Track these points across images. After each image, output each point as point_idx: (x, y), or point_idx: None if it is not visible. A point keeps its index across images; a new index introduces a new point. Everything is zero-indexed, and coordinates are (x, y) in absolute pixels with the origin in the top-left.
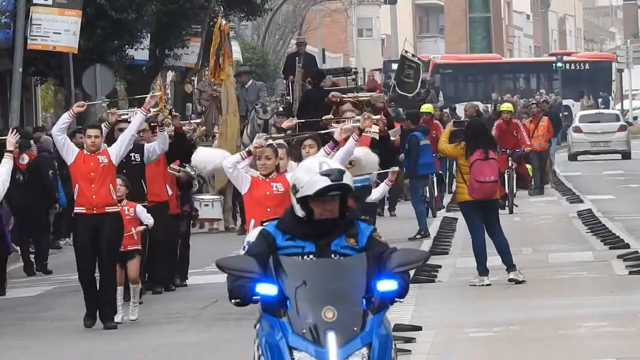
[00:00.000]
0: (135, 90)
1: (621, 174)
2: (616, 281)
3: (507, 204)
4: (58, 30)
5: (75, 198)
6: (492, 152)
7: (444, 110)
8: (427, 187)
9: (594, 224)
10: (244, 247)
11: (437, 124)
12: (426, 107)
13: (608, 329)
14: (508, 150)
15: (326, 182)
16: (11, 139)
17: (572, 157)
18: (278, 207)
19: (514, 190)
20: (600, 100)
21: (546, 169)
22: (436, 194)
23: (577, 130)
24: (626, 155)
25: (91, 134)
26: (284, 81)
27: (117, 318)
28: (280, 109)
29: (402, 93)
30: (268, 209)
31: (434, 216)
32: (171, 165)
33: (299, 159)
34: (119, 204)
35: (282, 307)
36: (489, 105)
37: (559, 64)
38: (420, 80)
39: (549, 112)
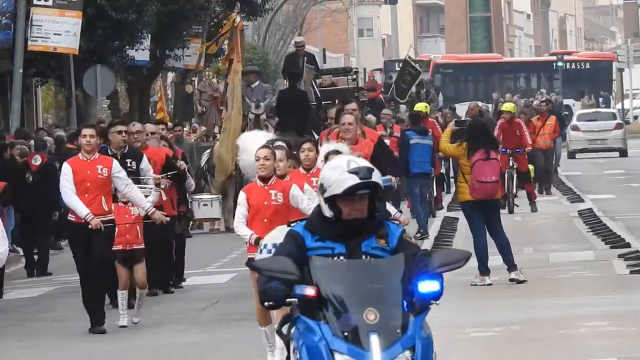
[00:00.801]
0: (136, 90)
1: (622, 173)
2: (617, 280)
3: (507, 203)
4: (58, 31)
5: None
6: (494, 152)
7: (446, 111)
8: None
9: (595, 224)
10: (260, 250)
11: (433, 122)
12: (419, 106)
13: (609, 328)
14: (508, 150)
15: (355, 180)
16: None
17: (571, 154)
18: (275, 217)
19: (514, 190)
20: (601, 99)
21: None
22: (435, 194)
23: (575, 128)
24: (623, 152)
25: (86, 134)
26: (285, 81)
27: (123, 321)
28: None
29: (395, 98)
30: (265, 220)
31: (434, 216)
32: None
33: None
34: (125, 204)
35: (321, 309)
36: (490, 105)
37: (560, 64)
38: (411, 89)
39: (553, 111)
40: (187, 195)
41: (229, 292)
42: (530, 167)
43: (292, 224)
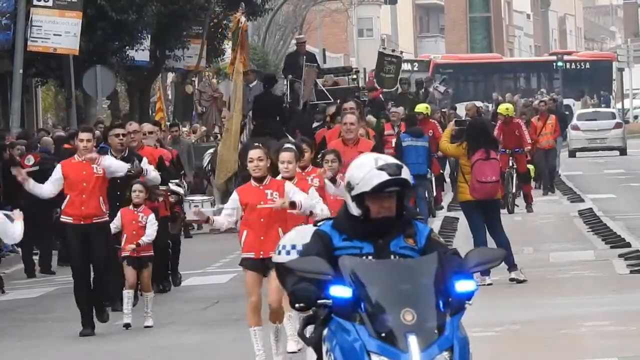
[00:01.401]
0: (136, 91)
1: (622, 173)
2: (617, 280)
3: (507, 203)
4: (58, 32)
5: (63, 207)
6: (494, 152)
7: (450, 111)
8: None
9: (595, 223)
10: (279, 251)
11: (434, 123)
12: (420, 107)
13: (609, 328)
14: (508, 150)
15: (383, 177)
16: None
17: (571, 153)
18: (271, 218)
19: (513, 190)
20: (601, 99)
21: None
22: (435, 194)
23: (575, 128)
24: (622, 151)
25: (83, 138)
26: (284, 81)
27: (127, 319)
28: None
29: (384, 90)
30: (261, 220)
31: (434, 216)
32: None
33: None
34: (136, 209)
35: (355, 310)
36: (490, 105)
37: (560, 64)
38: (399, 73)
39: (555, 111)
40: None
41: (229, 293)
42: (531, 167)
43: (319, 224)
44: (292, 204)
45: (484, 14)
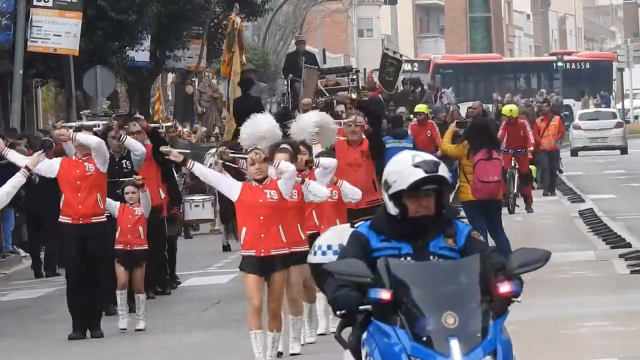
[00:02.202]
0: (136, 91)
1: (622, 173)
2: (618, 280)
3: (508, 203)
4: (58, 32)
5: (61, 207)
6: (496, 152)
7: (452, 109)
8: None
9: (596, 224)
10: (314, 252)
11: (432, 123)
12: (420, 107)
13: (610, 328)
14: (510, 150)
15: (420, 174)
16: (34, 158)
17: (573, 152)
18: (270, 215)
19: (515, 190)
20: (602, 99)
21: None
22: None
23: (577, 127)
24: (623, 150)
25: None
26: (284, 81)
27: (122, 324)
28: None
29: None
30: (261, 217)
31: None
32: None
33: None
34: (131, 205)
35: (396, 314)
36: (490, 105)
37: (560, 64)
38: (398, 78)
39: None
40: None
41: (229, 293)
42: (532, 167)
43: (356, 224)
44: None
45: (484, 14)
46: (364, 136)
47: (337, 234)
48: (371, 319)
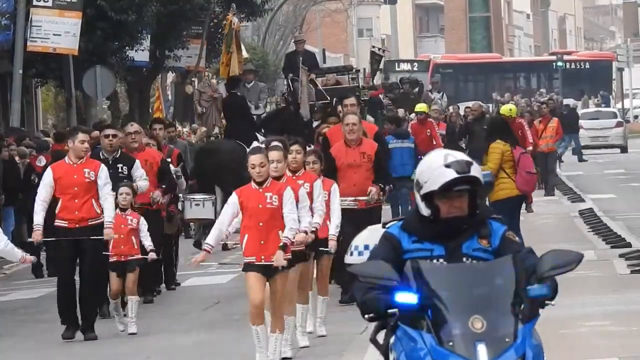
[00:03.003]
0: (136, 91)
1: (622, 173)
2: (618, 280)
3: None
4: (58, 32)
5: (56, 212)
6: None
7: (450, 111)
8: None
9: (596, 223)
10: (351, 252)
11: (431, 122)
12: (420, 107)
13: (610, 328)
14: None
15: (452, 174)
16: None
17: (574, 151)
18: (270, 221)
19: None
20: (601, 99)
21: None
22: None
23: (579, 127)
24: (623, 149)
25: (84, 139)
26: (285, 80)
27: (120, 327)
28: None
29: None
30: (260, 224)
31: None
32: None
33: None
34: (123, 213)
35: (423, 317)
36: (490, 105)
37: (559, 63)
38: (376, 73)
39: (556, 113)
40: (180, 194)
41: (229, 293)
42: None
43: (388, 225)
44: (284, 247)
45: (484, 13)
46: (367, 137)
47: (375, 234)
48: (398, 323)
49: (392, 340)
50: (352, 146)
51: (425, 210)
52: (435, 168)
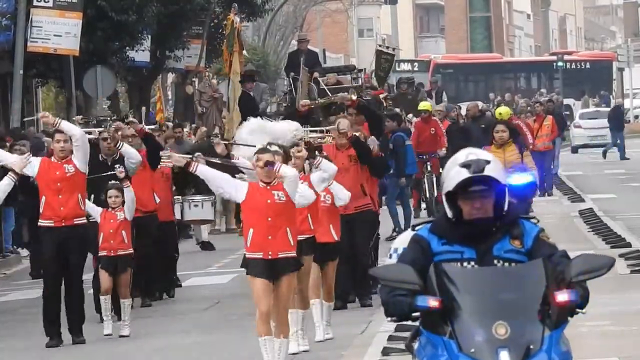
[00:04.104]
0: (136, 91)
1: (622, 173)
2: (618, 280)
3: None
4: (59, 32)
5: (41, 210)
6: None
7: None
8: (427, 187)
9: (596, 223)
10: (390, 255)
11: (436, 121)
12: (424, 105)
13: (610, 328)
14: None
15: (464, 174)
16: (22, 162)
17: (574, 150)
18: (279, 217)
19: None
20: (601, 99)
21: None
22: (436, 194)
23: (577, 126)
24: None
25: (60, 139)
26: (286, 79)
27: (107, 329)
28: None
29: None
30: (269, 219)
31: (435, 216)
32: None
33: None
34: (113, 210)
35: (445, 323)
36: (490, 105)
37: (560, 63)
38: (389, 73)
39: (553, 111)
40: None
41: (230, 293)
42: None
43: (417, 227)
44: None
45: (484, 13)
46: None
47: None
48: (421, 328)
49: (415, 346)
50: (341, 150)
51: (449, 212)
52: (452, 168)
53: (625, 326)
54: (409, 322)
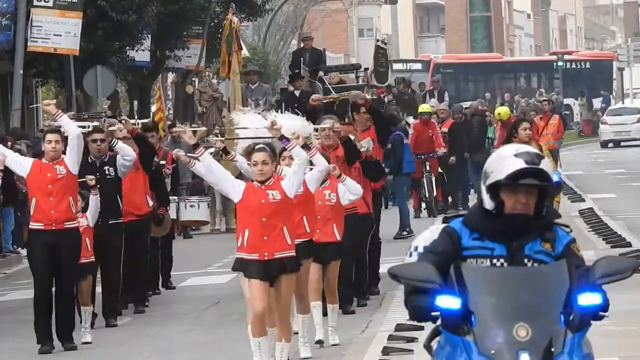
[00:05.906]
0: (136, 91)
1: (622, 173)
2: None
3: None
4: (59, 32)
5: (32, 213)
6: None
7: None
8: (426, 187)
9: (596, 223)
10: (410, 253)
11: (434, 123)
12: (424, 107)
13: (610, 327)
14: None
15: (520, 164)
16: None
17: (603, 145)
18: (274, 216)
19: None
20: (601, 99)
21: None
22: (435, 193)
23: (604, 122)
24: None
25: (51, 139)
26: (288, 77)
27: (87, 337)
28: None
29: (376, 84)
30: (263, 219)
31: (434, 216)
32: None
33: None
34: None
35: (465, 323)
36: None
37: (560, 63)
38: (391, 69)
39: (552, 112)
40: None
41: (229, 293)
42: None
43: (449, 220)
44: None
45: (484, 13)
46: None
47: (437, 234)
48: (440, 328)
49: (434, 346)
50: (329, 150)
51: (489, 204)
52: (505, 158)
53: (625, 326)
54: (413, 322)
